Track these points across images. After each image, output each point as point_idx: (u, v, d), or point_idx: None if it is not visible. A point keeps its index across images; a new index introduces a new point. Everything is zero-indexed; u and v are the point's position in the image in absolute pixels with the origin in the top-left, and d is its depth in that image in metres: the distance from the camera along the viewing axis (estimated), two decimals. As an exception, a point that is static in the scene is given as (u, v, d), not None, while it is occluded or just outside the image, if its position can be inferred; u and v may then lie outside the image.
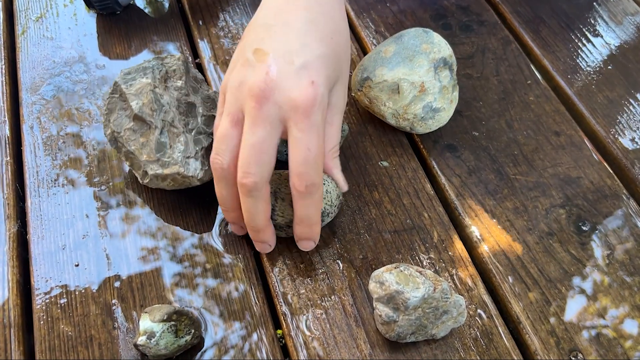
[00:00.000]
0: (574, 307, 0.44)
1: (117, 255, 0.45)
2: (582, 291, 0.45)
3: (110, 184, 0.49)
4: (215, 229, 0.47)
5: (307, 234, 0.43)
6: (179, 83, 0.48)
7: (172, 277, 0.44)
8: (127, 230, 0.47)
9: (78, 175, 0.50)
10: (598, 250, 0.47)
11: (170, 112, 0.46)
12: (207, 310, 0.43)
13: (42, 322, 0.42)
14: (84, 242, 0.46)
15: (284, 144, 0.49)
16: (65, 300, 0.43)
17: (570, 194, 0.50)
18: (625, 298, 0.44)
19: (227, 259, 0.45)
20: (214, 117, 0.50)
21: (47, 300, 0.43)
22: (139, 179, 0.46)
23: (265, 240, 0.44)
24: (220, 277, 0.44)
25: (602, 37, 0.61)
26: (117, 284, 0.44)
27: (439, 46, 0.51)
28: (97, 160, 0.50)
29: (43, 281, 0.44)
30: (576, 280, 0.45)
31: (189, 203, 0.48)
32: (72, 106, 0.54)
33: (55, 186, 0.49)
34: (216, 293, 0.43)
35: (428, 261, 0.46)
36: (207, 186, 0.49)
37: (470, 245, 0.47)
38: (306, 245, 0.44)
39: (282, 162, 0.46)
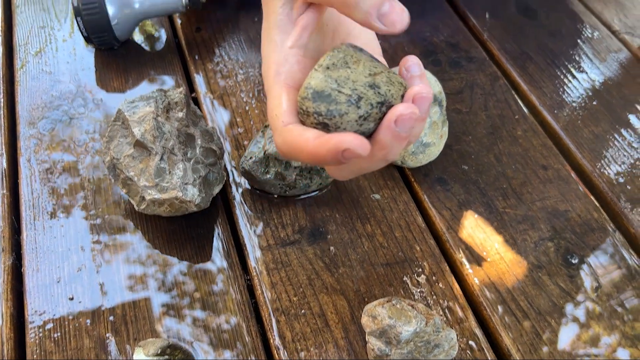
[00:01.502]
0: (564, 339, 0.45)
1: (111, 288, 0.45)
2: (572, 323, 0.45)
3: (106, 216, 0.50)
4: (213, 258, 0.48)
5: None
6: (180, 114, 0.49)
7: (167, 309, 0.45)
8: (122, 262, 0.47)
9: (74, 207, 0.50)
10: (586, 282, 0.48)
11: (170, 139, 0.47)
12: (200, 343, 0.43)
13: (35, 356, 0.42)
14: (79, 275, 0.46)
15: (289, 169, 0.50)
16: (59, 334, 0.43)
17: (558, 227, 0.51)
18: (616, 328, 0.45)
19: (222, 290, 0.46)
20: (211, 149, 0.51)
21: (41, 334, 0.43)
22: (135, 206, 0.47)
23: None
24: (214, 309, 0.45)
25: (586, 73, 0.63)
26: (111, 317, 0.44)
27: (429, 83, 0.53)
28: (93, 193, 0.51)
29: (37, 315, 0.44)
30: (565, 313, 0.46)
31: (185, 233, 0.49)
32: (69, 139, 0.55)
33: (51, 219, 0.49)
34: (209, 325, 0.44)
35: (420, 294, 0.46)
36: (203, 215, 0.50)
37: (461, 277, 0.48)
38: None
39: (287, 195, 0.46)
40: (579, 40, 0.66)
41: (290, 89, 0.36)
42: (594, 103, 0.60)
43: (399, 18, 0.32)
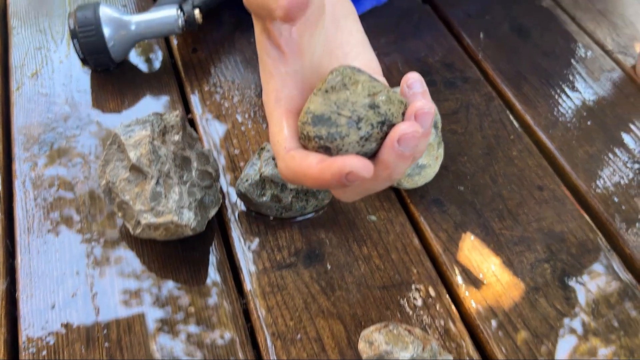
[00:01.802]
0: (561, 362, 0.45)
1: (106, 313, 0.45)
2: (569, 345, 0.45)
3: (102, 239, 0.50)
4: (208, 282, 0.47)
5: None
6: (176, 137, 0.49)
7: (163, 335, 0.44)
8: (117, 286, 0.47)
9: (69, 231, 0.50)
10: (583, 304, 0.48)
11: (166, 163, 0.47)
12: (197, 370, 0.43)
13: (29, 384, 0.41)
14: (74, 300, 0.46)
15: (285, 192, 0.50)
16: (54, 360, 0.43)
17: (554, 249, 0.51)
18: (613, 350, 0.45)
19: (218, 314, 0.46)
20: (207, 172, 0.51)
21: (36, 361, 0.42)
22: (131, 230, 0.47)
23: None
24: (211, 333, 0.44)
25: (580, 93, 0.64)
26: (106, 344, 0.44)
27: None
28: (88, 216, 0.51)
29: (31, 342, 0.43)
30: (562, 334, 0.46)
31: (181, 257, 0.49)
32: (65, 162, 0.55)
33: (45, 243, 0.49)
34: (205, 346, 0.43)
35: (417, 317, 0.46)
36: (199, 238, 0.50)
37: (458, 300, 0.48)
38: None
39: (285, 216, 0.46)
40: (572, 60, 0.67)
41: (291, 114, 0.36)
42: (589, 123, 0.61)
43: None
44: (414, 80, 0.35)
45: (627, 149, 0.58)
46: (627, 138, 0.59)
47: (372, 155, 0.34)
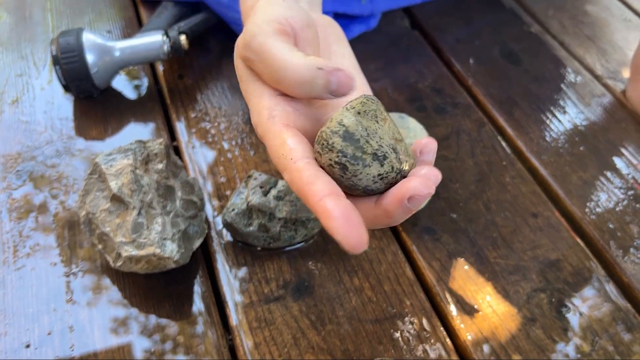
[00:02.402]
0: (561, 398, 0.43)
1: (84, 352, 0.43)
2: (569, 380, 0.44)
3: (81, 273, 0.47)
4: (193, 317, 0.45)
5: None
6: (160, 166, 0.47)
7: (143, 374, 0.42)
8: (97, 323, 0.44)
9: (47, 265, 0.48)
10: (581, 335, 0.46)
11: (149, 193, 0.45)
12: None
13: None
14: (50, 338, 0.43)
15: (273, 221, 0.48)
16: (27, 403, 0.40)
17: (550, 278, 0.49)
18: (613, 387, 0.43)
19: (203, 351, 0.43)
20: (192, 201, 0.49)
21: (7, 404, 0.40)
22: (111, 263, 0.45)
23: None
24: (194, 374, 0.42)
25: (572, 118, 0.63)
26: (83, 384, 0.41)
27: (415, 131, 0.52)
28: (67, 249, 0.49)
29: (4, 382, 0.41)
30: (562, 369, 0.44)
31: (164, 291, 0.47)
32: (44, 191, 0.53)
33: (21, 277, 0.47)
34: (189, 392, 0.41)
35: (411, 352, 0.44)
36: (182, 271, 0.48)
37: (452, 333, 0.46)
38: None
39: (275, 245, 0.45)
40: (563, 85, 0.66)
41: (289, 128, 0.34)
42: (581, 148, 0.60)
43: (346, 82, 0.33)
44: (429, 149, 0.34)
45: (620, 174, 0.58)
46: (620, 163, 0.59)
47: (372, 195, 0.33)
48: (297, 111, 0.35)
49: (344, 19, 0.70)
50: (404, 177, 0.33)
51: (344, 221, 0.29)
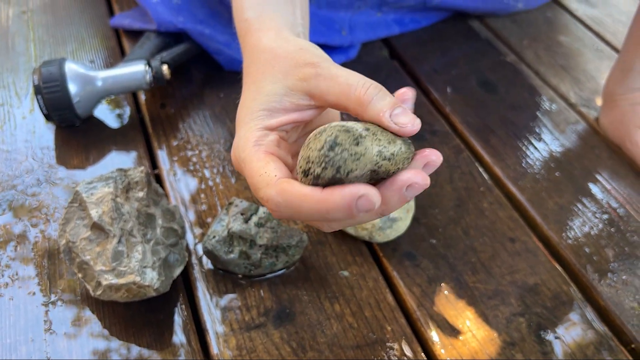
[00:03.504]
0: (541, 423, 0.43)
1: (62, 383, 0.42)
2: (549, 404, 0.44)
3: (60, 302, 0.47)
4: (173, 346, 0.45)
5: None
6: (141, 194, 0.47)
7: (122, 405, 0.41)
8: (76, 353, 0.44)
9: (25, 294, 0.47)
10: (560, 359, 0.46)
11: (129, 221, 0.45)
12: None
13: None
14: (27, 369, 0.43)
15: (254, 248, 0.48)
16: None
17: (529, 302, 0.50)
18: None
19: (182, 382, 0.43)
20: (172, 229, 0.49)
21: None
22: (91, 291, 0.44)
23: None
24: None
25: (547, 144, 0.65)
26: (60, 416, 0.40)
27: (394, 158, 0.53)
28: (47, 278, 0.49)
29: (-22, 416, 0.40)
30: (542, 393, 0.44)
31: (144, 319, 0.46)
32: (24, 220, 0.53)
33: (-1, 307, 0.46)
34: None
35: (391, 378, 0.44)
36: (163, 299, 0.48)
37: (433, 358, 0.46)
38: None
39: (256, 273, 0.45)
40: (538, 113, 0.68)
41: (274, 156, 0.35)
42: (557, 174, 0.61)
43: (410, 121, 0.34)
44: (407, 98, 0.36)
45: (596, 199, 0.59)
46: (594, 189, 0.60)
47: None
48: (285, 149, 0.36)
49: (324, 49, 0.71)
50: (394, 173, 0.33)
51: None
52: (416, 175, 0.32)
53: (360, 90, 0.34)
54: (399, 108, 0.34)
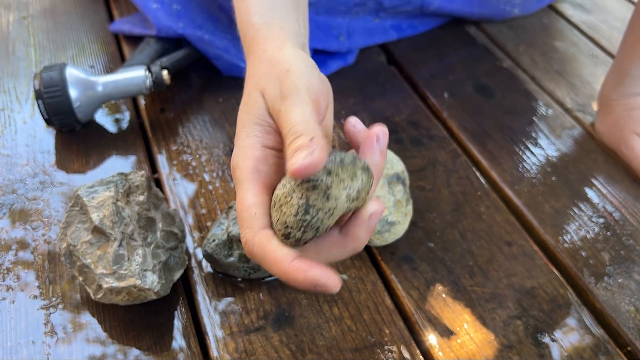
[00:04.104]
0: None
1: (63, 386, 0.42)
2: (546, 406, 0.44)
3: (61, 305, 0.47)
4: (173, 349, 0.45)
5: None
6: (141, 198, 0.48)
7: (122, 408, 0.42)
8: (76, 355, 0.44)
9: (26, 297, 0.48)
10: (557, 362, 0.47)
11: (130, 224, 0.46)
12: None
13: None
14: (28, 372, 0.43)
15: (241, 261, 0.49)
16: None
17: (526, 305, 0.51)
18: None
19: (182, 385, 0.43)
20: (172, 232, 0.49)
21: None
22: (92, 295, 0.45)
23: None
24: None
25: (543, 149, 0.65)
26: (61, 418, 0.41)
27: (392, 162, 0.53)
28: (47, 281, 0.49)
29: (-21, 418, 0.40)
30: (539, 395, 0.45)
31: (144, 322, 0.47)
32: (24, 224, 0.53)
33: (0, 310, 0.47)
34: None
35: (390, 380, 0.45)
36: (163, 302, 0.48)
37: (431, 361, 0.47)
38: None
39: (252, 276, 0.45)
40: (534, 118, 0.69)
41: (266, 189, 0.36)
42: (553, 178, 0.62)
43: (303, 156, 0.32)
44: (381, 136, 0.37)
45: (592, 203, 0.60)
46: (590, 193, 0.61)
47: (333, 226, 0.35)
48: (280, 173, 0.37)
49: (322, 55, 0.72)
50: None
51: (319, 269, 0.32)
52: (374, 205, 0.34)
53: (287, 139, 0.34)
54: (299, 150, 0.33)
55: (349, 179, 0.33)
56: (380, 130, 0.37)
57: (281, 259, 0.33)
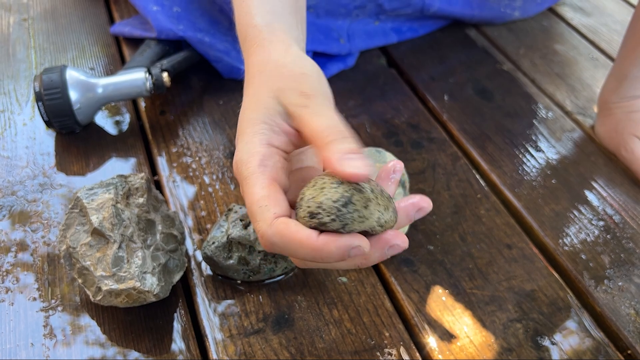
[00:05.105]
0: None
1: (62, 388, 0.42)
2: (545, 410, 0.44)
3: (60, 307, 0.47)
4: (172, 351, 0.45)
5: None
6: (141, 200, 0.48)
7: (121, 410, 0.42)
8: (75, 358, 0.44)
9: (26, 299, 0.48)
10: (557, 365, 0.47)
11: (130, 226, 0.46)
12: None
13: None
14: (27, 374, 0.43)
15: (253, 254, 0.49)
16: None
17: (525, 308, 0.51)
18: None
19: (181, 387, 0.43)
20: (172, 235, 0.49)
21: None
22: (91, 297, 0.45)
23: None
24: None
25: (543, 152, 0.65)
26: (60, 421, 0.41)
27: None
28: (47, 284, 0.49)
29: (-22, 421, 0.40)
30: (538, 399, 0.45)
31: (143, 324, 0.47)
32: (24, 226, 0.53)
33: (-1, 312, 0.47)
34: None
35: (389, 383, 0.45)
36: (162, 305, 0.48)
37: (431, 364, 0.47)
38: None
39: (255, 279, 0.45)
40: (534, 121, 0.69)
41: (275, 183, 0.35)
42: (553, 181, 0.62)
43: (358, 166, 0.34)
44: (397, 169, 0.38)
45: (592, 206, 0.59)
46: (590, 196, 0.61)
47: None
48: (285, 169, 0.37)
49: (323, 58, 0.72)
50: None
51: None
52: (398, 238, 0.35)
53: (329, 133, 0.35)
54: (355, 154, 0.34)
55: (383, 207, 0.35)
56: (398, 164, 0.39)
57: (307, 236, 0.33)
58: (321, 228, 0.33)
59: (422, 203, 0.37)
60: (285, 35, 0.40)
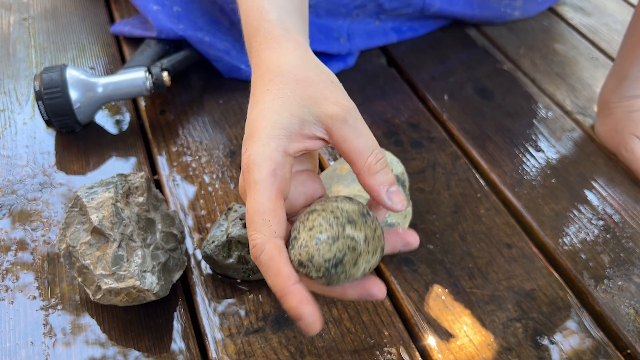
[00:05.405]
0: None
1: (61, 387, 0.42)
2: (545, 409, 0.44)
3: (60, 306, 0.47)
4: (172, 350, 0.45)
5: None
6: (141, 199, 0.48)
7: (121, 409, 0.42)
8: (75, 357, 0.44)
9: (25, 298, 0.48)
10: (557, 364, 0.47)
11: (129, 225, 0.46)
12: None
13: None
14: (27, 373, 0.43)
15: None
16: None
17: (525, 307, 0.51)
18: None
19: (181, 386, 0.43)
20: (172, 234, 0.49)
21: None
22: (91, 296, 0.45)
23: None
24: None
25: (543, 152, 0.65)
26: (60, 419, 0.41)
27: (392, 164, 0.53)
28: (47, 282, 0.49)
29: (-22, 419, 0.40)
30: (538, 398, 0.45)
31: (143, 323, 0.47)
32: (24, 225, 0.53)
33: (-1, 311, 0.47)
34: None
35: (389, 382, 0.45)
36: (162, 303, 0.48)
37: (430, 363, 0.47)
38: None
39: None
40: (534, 120, 0.69)
41: (281, 196, 0.36)
42: (553, 181, 0.62)
43: (400, 202, 0.37)
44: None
45: (591, 206, 0.59)
46: (590, 195, 0.61)
47: None
48: (294, 180, 0.37)
49: (322, 57, 0.72)
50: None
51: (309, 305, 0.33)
52: (378, 290, 0.36)
53: (373, 159, 0.37)
54: (395, 186, 0.37)
55: (371, 256, 0.36)
56: (412, 238, 0.39)
57: (287, 276, 0.34)
58: (306, 276, 0.35)
59: (410, 239, 0.39)
60: (299, 36, 0.40)
